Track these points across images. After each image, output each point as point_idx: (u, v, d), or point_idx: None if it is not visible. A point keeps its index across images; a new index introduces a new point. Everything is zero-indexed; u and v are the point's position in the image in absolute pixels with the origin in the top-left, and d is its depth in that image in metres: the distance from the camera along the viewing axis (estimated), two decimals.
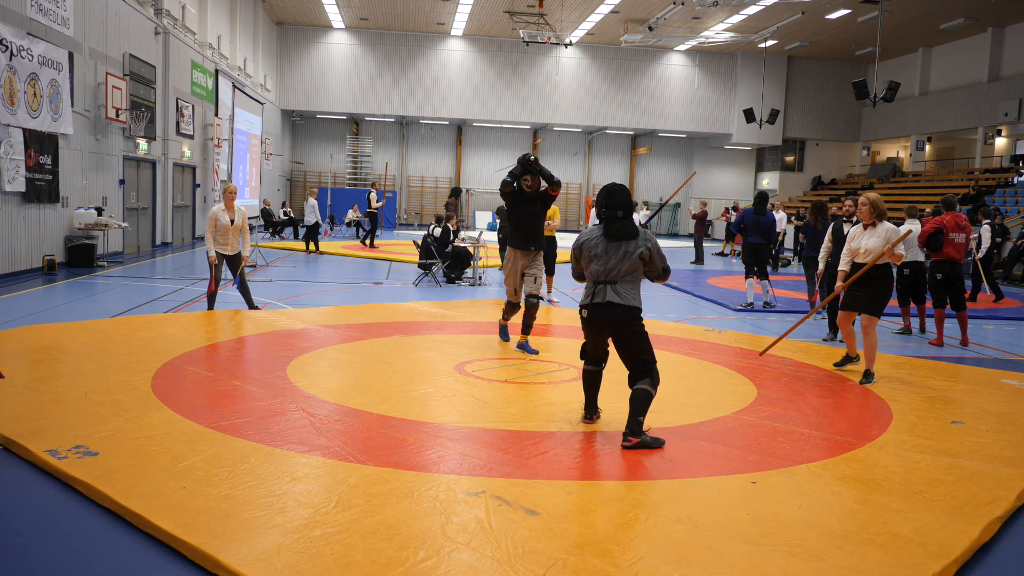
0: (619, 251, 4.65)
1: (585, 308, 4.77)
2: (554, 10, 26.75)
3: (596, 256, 4.71)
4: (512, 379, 6.16)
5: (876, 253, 6.45)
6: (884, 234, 6.50)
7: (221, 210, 8.67)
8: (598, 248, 4.71)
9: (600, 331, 4.78)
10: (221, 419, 4.71)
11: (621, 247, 4.65)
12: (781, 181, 35.61)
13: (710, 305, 11.82)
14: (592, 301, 4.70)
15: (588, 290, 4.75)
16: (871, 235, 6.57)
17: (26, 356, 6.21)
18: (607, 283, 4.65)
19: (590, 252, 4.75)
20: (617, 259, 4.65)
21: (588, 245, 4.78)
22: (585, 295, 4.77)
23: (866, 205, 6.61)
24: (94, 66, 14.18)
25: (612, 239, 4.67)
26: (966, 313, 9.01)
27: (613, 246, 4.67)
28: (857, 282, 6.59)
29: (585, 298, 4.77)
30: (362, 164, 34.25)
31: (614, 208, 4.68)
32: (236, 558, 2.97)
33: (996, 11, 25.04)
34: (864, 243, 6.59)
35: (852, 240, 6.72)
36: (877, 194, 6.70)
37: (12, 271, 11.63)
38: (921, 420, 5.37)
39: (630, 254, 4.64)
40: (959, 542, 3.38)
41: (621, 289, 4.63)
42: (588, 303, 4.74)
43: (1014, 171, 26.05)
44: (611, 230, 4.69)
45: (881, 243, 6.45)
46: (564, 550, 3.15)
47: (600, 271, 4.68)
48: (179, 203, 19.16)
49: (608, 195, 4.72)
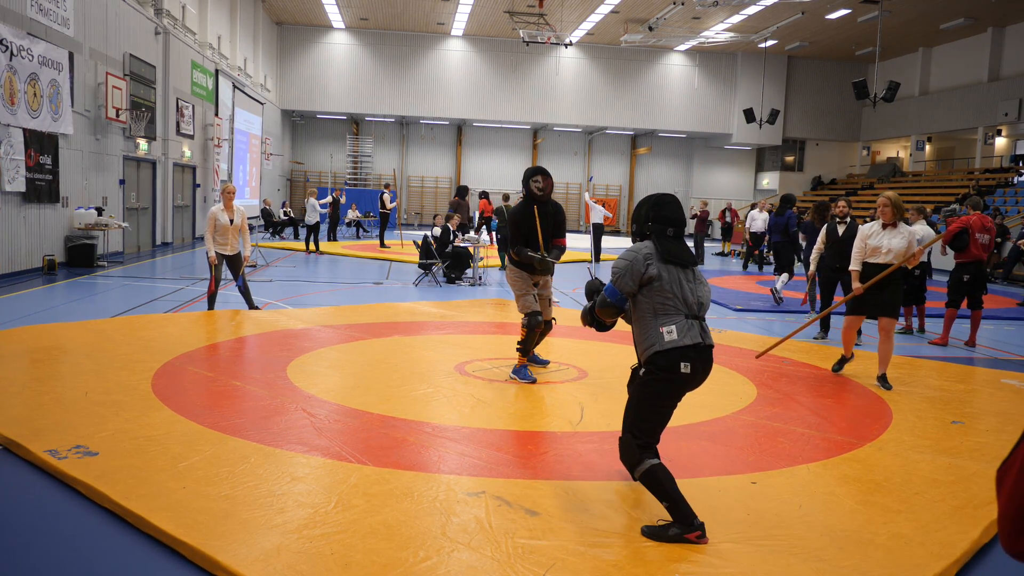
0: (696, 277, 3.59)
1: (686, 360, 3.37)
2: (554, 10, 26.75)
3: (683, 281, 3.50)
4: (512, 379, 6.16)
5: (901, 255, 6.22)
6: (907, 235, 6.27)
7: (220, 210, 8.66)
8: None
9: (693, 388, 3.51)
10: (221, 419, 4.71)
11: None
12: (781, 181, 35.59)
13: (710, 305, 11.80)
14: (704, 342, 3.44)
15: (682, 328, 3.40)
16: (893, 235, 6.30)
17: (26, 356, 6.21)
18: (699, 319, 3.51)
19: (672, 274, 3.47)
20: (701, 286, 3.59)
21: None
22: (678, 334, 3.39)
23: (888, 206, 6.32)
24: (94, 66, 14.17)
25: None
26: (981, 313, 8.96)
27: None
28: (875, 285, 6.33)
29: (681, 339, 3.38)
30: (362, 164, 34.24)
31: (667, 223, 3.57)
32: (236, 558, 2.97)
33: (996, 11, 25.03)
34: (887, 243, 6.29)
35: (870, 238, 6.42)
36: (896, 193, 6.44)
37: (12, 271, 11.63)
38: (921, 420, 5.36)
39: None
40: (959, 542, 3.38)
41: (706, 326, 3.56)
42: (691, 345, 3.38)
43: (1014, 171, 26.05)
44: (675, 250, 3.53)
45: (905, 244, 6.22)
46: (564, 550, 3.15)
47: (693, 301, 3.49)
48: (179, 203, 19.16)
49: (660, 206, 3.60)
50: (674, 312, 3.42)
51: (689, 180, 36.41)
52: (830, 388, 6.27)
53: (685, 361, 3.37)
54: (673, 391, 3.44)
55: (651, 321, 3.45)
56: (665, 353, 3.38)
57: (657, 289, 3.43)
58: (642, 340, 3.50)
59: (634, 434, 3.44)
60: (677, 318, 3.41)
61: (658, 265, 3.45)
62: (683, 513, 3.28)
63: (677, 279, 3.45)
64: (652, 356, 3.42)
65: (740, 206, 30.61)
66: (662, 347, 3.38)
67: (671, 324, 3.40)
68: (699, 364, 3.41)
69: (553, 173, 34.46)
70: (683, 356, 3.37)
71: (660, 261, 3.46)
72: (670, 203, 3.61)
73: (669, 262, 3.47)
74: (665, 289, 3.43)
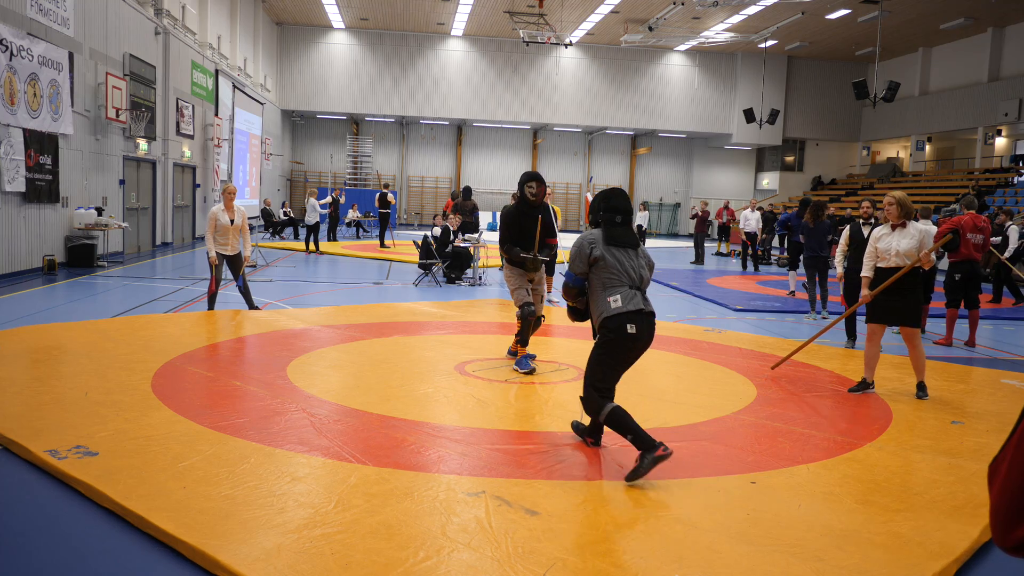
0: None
1: (632, 322, 4.03)
2: (554, 10, 26.75)
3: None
4: (512, 379, 6.16)
5: (911, 257, 5.90)
6: (917, 235, 5.92)
7: (221, 210, 8.67)
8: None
9: (642, 350, 4.18)
10: (221, 419, 4.71)
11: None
12: (781, 181, 35.60)
13: (710, 305, 11.82)
14: (645, 308, 4.11)
15: (626, 297, 4.07)
16: (902, 236, 5.97)
17: (26, 356, 6.22)
18: (640, 290, 4.19)
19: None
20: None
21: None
22: (623, 302, 4.06)
23: (893, 205, 5.99)
24: (94, 66, 14.18)
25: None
26: (978, 313, 8.96)
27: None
28: (889, 290, 5.96)
29: (625, 305, 4.05)
30: (362, 164, 34.24)
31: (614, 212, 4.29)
32: (236, 558, 2.97)
33: (996, 11, 25.03)
34: (895, 244, 5.97)
35: (878, 241, 6.10)
36: (903, 192, 6.07)
37: (12, 271, 11.63)
38: (921, 420, 5.37)
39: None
40: (959, 542, 3.38)
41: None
42: (635, 310, 4.05)
43: (1014, 171, 26.05)
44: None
45: (915, 245, 5.89)
46: (564, 550, 3.15)
47: (635, 276, 4.18)
48: (179, 203, 19.16)
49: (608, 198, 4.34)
50: (619, 285, 4.10)
51: (689, 180, 36.42)
52: (830, 388, 6.27)
53: (631, 323, 4.03)
54: (622, 349, 4.10)
55: (601, 293, 4.13)
56: (613, 317, 4.05)
57: (603, 267, 4.13)
58: (595, 310, 4.18)
59: (595, 387, 4.11)
60: (622, 289, 4.09)
61: (601, 248, 4.16)
62: (644, 440, 3.90)
63: (619, 258, 4.14)
64: (603, 321, 4.10)
65: (741, 206, 30.60)
66: (610, 313, 4.07)
67: (616, 294, 4.08)
68: (643, 327, 4.08)
69: (553, 173, 34.79)
70: (629, 319, 4.03)
71: (604, 244, 4.17)
72: (617, 196, 4.33)
73: (612, 244, 4.18)
74: (610, 266, 4.12)
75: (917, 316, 6.02)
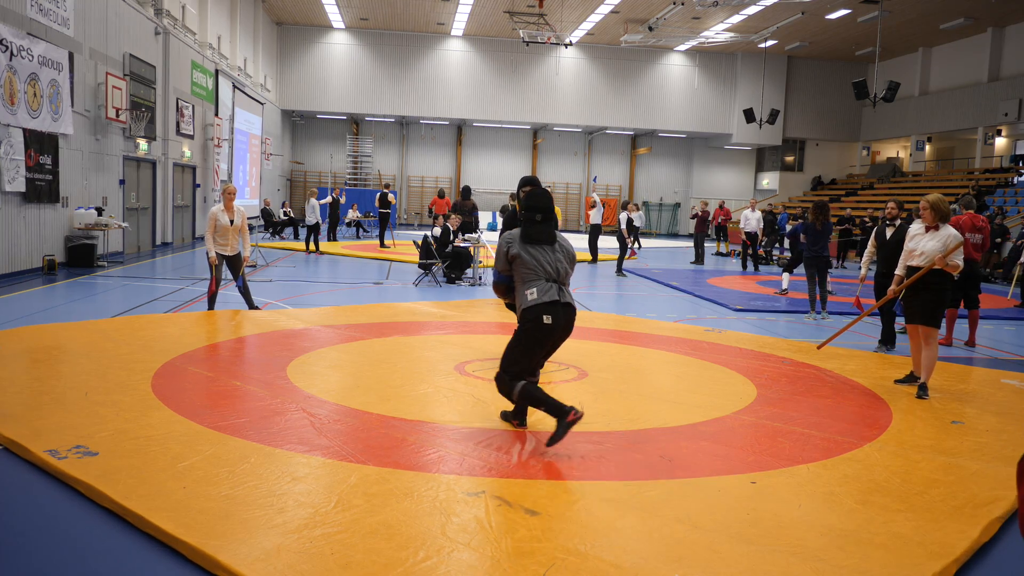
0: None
1: (547, 313, 4.33)
2: (554, 10, 26.75)
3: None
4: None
5: (932, 258, 6.07)
6: (944, 239, 6.09)
7: (220, 210, 8.67)
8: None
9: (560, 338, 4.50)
10: (221, 419, 4.71)
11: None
12: (781, 181, 35.61)
13: (710, 305, 11.82)
14: (561, 300, 4.41)
15: (542, 290, 4.38)
16: (931, 238, 6.16)
17: (26, 356, 6.21)
18: (558, 283, 4.47)
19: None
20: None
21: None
22: (539, 295, 4.37)
23: (927, 209, 6.16)
24: (94, 66, 14.18)
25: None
26: (978, 313, 8.94)
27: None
28: (913, 289, 6.19)
29: (540, 298, 4.36)
30: (362, 164, 34.25)
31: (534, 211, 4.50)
32: (236, 558, 2.97)
33: (996, 11, 25.04)
34: (922, 245, 6.19)
35: (910, 240, 6.34)
36: (939, 195, 6.22)
37: (12, 271, 11.63)
38: (921, 420, 5.36)
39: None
40: (959, 542, 3.38)
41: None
42: (550, 302, 4.35)
43: (1014, 171, 26.06)
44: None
45: (939, 248, 6.06)
46: (564, 550, 3.15)
47: (551, 270, 4.44)
48: (179, 203, 19.16)
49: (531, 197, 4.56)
50: (535, 279, 4.38)
51: (689, 180, 36.42)
52: (830, 388, 6.27)
53: (546, 314, 4.31)
54: (538, 339, 4.39)
55: (521, 287, 4.43)
56: (530, 309, 4.34)
57: (520, 264, 4.42)
58: (517, 304, 4.47)
59: (507, 371, 4.42)
60: (538, 283, 4.37)
61: (518, 246, 4.44)
62: (557, 408, 4.23)
63: (535, 255, 4.40)
64: (522, 313, 4.39)
65: (742, 206, 30.59)
66: (527, 305, 4.35)
67: (533, 288, 4.36)
68: (559, 318, 4.34)
69: (553, 173, 34.79)
70: (544, 310, 4.32)
71: (520, 242, 4.44)
72: (539, 196, 4.55)
73: (529, 242, 4.44)
74: (526, 263, 4.40)
75: (928, 315, 6.09)
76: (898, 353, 8.07)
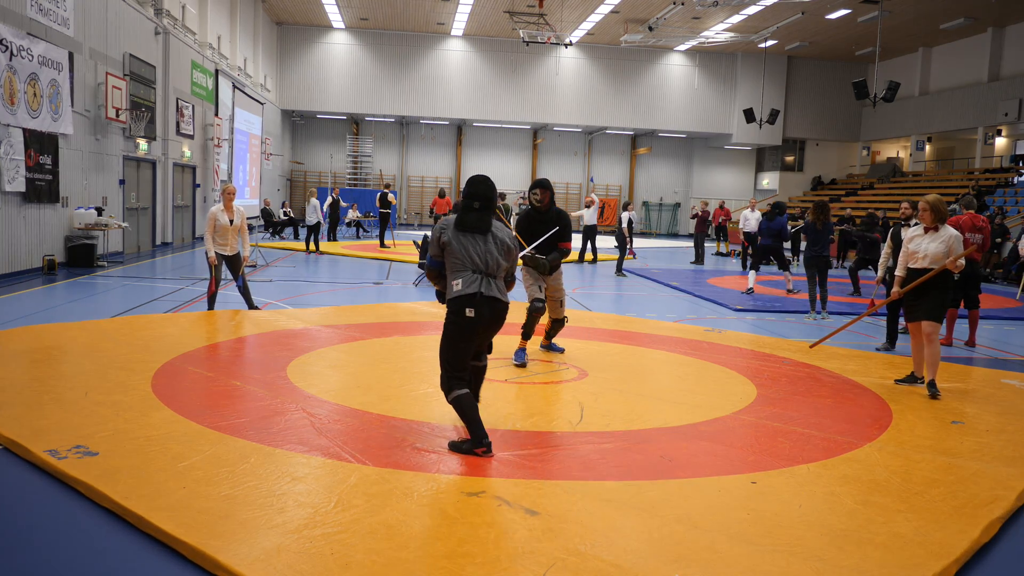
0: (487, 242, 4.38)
1: (471, 306, 4.21)
2: (554, 10, 26.75)
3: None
4: (512, 379, 6.16)
5: (939, 260, 6.07)
6: (948, 240, 6.10)
7: (220, 210, 8.67)
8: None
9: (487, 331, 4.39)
10: (221, 419, 4.71)
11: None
12: (781, 181, 35.60)
13: (710, 305, 11.82)
14: (485, 292, 4.26)
15: (467, 281, 4.26)
16: (932, 239, 6.15)
17: (26, 356, 6.21)
18: (486, 275, 4.32)
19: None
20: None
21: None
22: (463, 286, 4.25)
23: (927, 210, 6.14)
24: (94, 66, 14.18)
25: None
26: (978, 313, 8.93)
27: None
28: (915, 290, 6.18)
29: (465, 289, 4.23)
30: (362, 164, 34.25)
31: (471, 198, 4.37)
32: (236, 558, 2.97)
33: (996, 11, 25.04)
34: (924, 247, 6.17)
35: (909, 242, 6.30)
36: (937, 196, 6.22)
37: (12, 271, 11.63)
38: (921, 420, 5.37)
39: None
40: (959, 542, 3.38)
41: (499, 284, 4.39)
42: (473, 293, 4.22)
43: (1014, 171, 26.05)
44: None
45: (944, 250, 6.07)
46: (564, 550, 3.15)
47: (479, 261, 4.31)
48: (179, 203, 19.16)
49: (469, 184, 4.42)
50: (462, 269, 4.27)
51: (689, 180, 36.42)
52: (830, 388, 6.27)
53: (470, 307, 4.20)
54: (462, 332, 4.26)
55: (449, 276, 4.33)
56: (454, 300, 4.26)
57: (450, 252, 4.31)
58: (446, 293, 4.38)
59: (445, 369, 4.31)
60: (464, 273, 4.26)
61: (451, 233, 4.32)
62: (476, 435, 4.17)
63: (465, 244, 4.28)
64: (448, 303, 4.31)
65: (742, 206, 30.59)
66: (452, 295, 4.28)
67: (459, 278, 4.26)
68: (483, 310, 4.23)
69: (553, 173, 34.81)
70: (467, 303, 4.21)
71: (454, 229, 4.32)
72: (478, 183, 4.39)
73: (462, 230, 4.31)
74: (455, 252, 4.29)
75: (934, 313, 6.11)
76: (898, 353, 8.07)
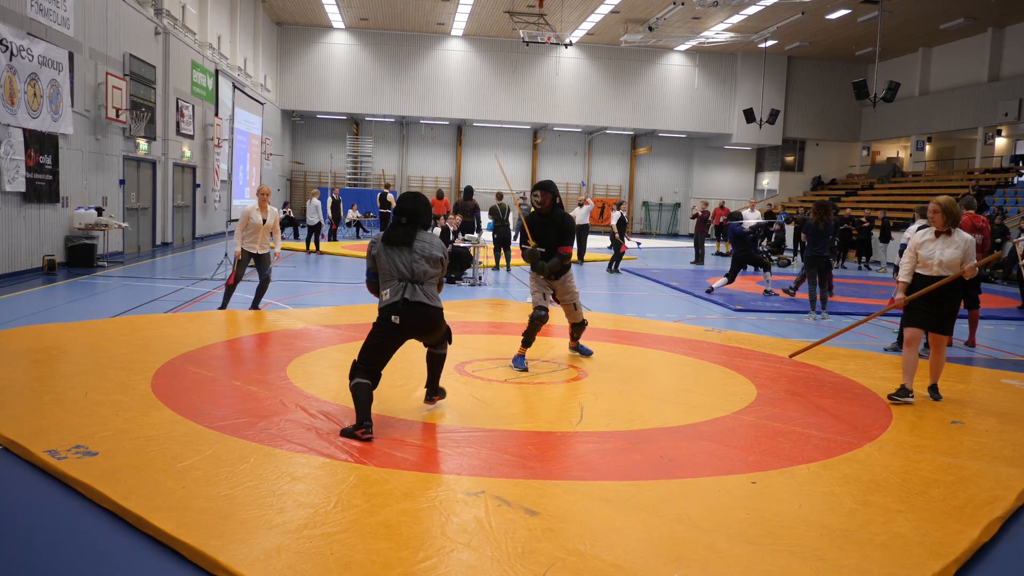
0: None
1: (396, 313, 4.58)
2: (554, 10, 26.75)
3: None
4: (512, 379, 6.16)
5: (954, 267, 5.73)
6: (963, 245, 5.73)
7: (255, 209, 8.97)
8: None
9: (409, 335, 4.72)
10: (221, 419, 4.71)
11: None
12: (781, 181, 35.61)
13: (710, 305, 11.82)
14: (409, 299, 4.61)
15: (394, 290, 4.62)
16: (946, 244, 5.77)
17: (26, 356, 6.21)
18: (413, 283, 4.65)
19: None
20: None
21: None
22: (390, 295, 4.62)
23: (938, 213, 5.76)
24: (94, 66, 14.18)
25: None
26: (978, 313, 8.92)
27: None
28: (927, 297, 5.82)
29: (391, 298, 4.61)
30: (362, 164, 34.25)
31: (399, 213, 4.71)
32: (236, 558, 2.97)
33: (996, 11, 25.04)
34: (939, 254, 5.78)
35: (920, 248, 5.89)
36: (949, 197, 5.81)
37: (12, 271, 11.63)
38: (921, 420, 5.36)
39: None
40: (959, 542, 3.38)
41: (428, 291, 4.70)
42: (398, 300, 4.59)
43: (1014, 171, 26.05)
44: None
45: (959, 255, 5.71)
46: (564, 550, 3.15)
47: (405, 271, 4.64)
48: (179, 203, 19.16)
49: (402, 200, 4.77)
50: (390, 279, 4.63)
51: (689, 180, 36.42)
52: (830, 388, 6.27)
53: (395, 314, 4.58)
54: (387, 336, 4.64)
55: (380, 287, 4.70)
56: (383, 308, 4.63)
57: (379, 265, 4.68)
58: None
59: (359, 359, 4.63)
60: (392, 283, 4.62)
61: (378, 247, 4.69)
62: (360, 418, 4.43)
63: (391, 256, 4.62)
64: (379, 310, 4.68)
65: (742, 206, 30.58)
66: (381, 304, 4.66)
67: (387, 288, 4.63)
68: (407, 316, 4.58)
69: (553, 173, 34.79)
70: (393, 310, 4.58)
71: (382, 244, 4.67)
72: (407, 199, 4.75)
73: (387, 244, 4.65)
74: (383, 265, 4.66)
75: (949, 325, 5.93)
76: (898, 354, 8.06)
